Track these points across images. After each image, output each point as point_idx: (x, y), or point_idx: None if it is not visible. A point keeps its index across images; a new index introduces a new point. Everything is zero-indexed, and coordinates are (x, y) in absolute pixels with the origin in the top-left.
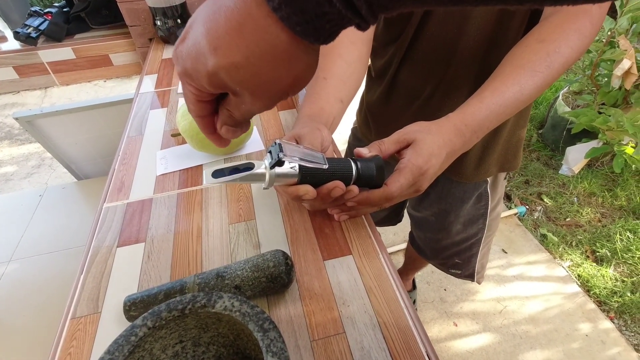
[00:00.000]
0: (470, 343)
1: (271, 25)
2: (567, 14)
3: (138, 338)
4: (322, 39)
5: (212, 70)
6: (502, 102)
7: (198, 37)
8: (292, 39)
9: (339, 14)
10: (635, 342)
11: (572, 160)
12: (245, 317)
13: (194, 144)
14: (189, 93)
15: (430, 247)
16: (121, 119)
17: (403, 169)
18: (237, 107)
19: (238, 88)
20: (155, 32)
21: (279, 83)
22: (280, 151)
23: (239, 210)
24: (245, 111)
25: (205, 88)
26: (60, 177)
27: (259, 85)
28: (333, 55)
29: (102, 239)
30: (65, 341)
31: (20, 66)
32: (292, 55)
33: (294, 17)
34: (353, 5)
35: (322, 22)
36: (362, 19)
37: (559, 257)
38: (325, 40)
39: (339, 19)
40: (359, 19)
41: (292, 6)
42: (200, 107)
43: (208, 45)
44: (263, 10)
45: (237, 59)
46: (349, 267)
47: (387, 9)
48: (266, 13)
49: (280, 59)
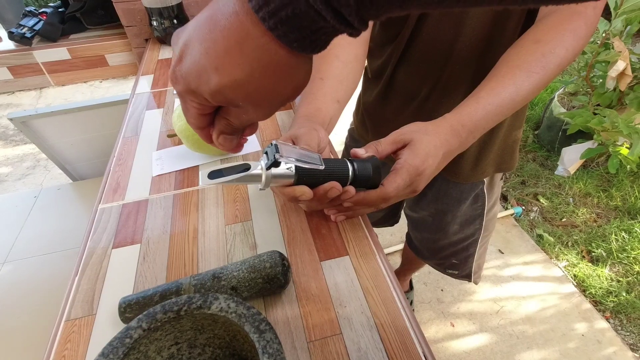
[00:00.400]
0: (467, 343)
1: (269, 42)
2: (563, 15)
3: (133, 340)
4: (318, 49)
5: (216, 88)
6: (498, 103)
7: (197, 57)
8: (290, 52)
9: (332, 27)
10: (631, 342)
11: (568, 161)
12: (241, 319)
13: (190, 144)
14: (192, 108)
15: (427, 247)
16: (117, 120)
17: (400, 169)
18: (238, 117)
19: (241, 102)
20: (151, 33)
21: (281, 93)
22: (276, 152)
23: (235, 211)
24: (245, 120)
25: (208, 102)
26: (55, 178)
27: (262, 98)
28: (330, 56)
29: (98, 240)
30: (60, 343)
31: (14, 66)
32: (292, 67)
33: (291, 34)
34: (345, 19)
35: (317, 36)
36: (354, 28)
37: (555, 257)
38: (320, 50)
39: (333, 31)
40: (352, 29)
41: (288, 25)
42: (202, 120)
43: (209, 64)
44: (259, 29)
45: (240, 76)
46: (346, 267)
47: (377, 17)
48: (263, 32)
49: (281, 72)
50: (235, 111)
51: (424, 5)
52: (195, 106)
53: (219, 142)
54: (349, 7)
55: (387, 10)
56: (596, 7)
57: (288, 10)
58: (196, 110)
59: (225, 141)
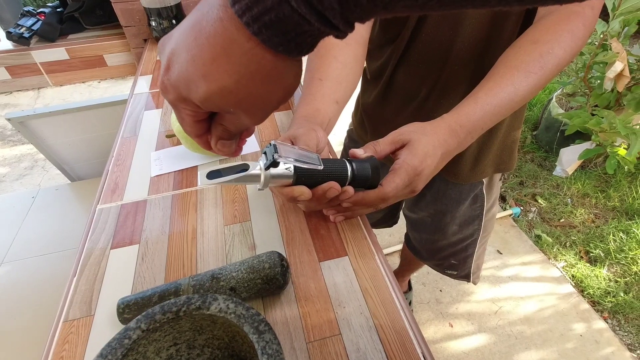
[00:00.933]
0: (465, 344)
1: (254, 47)
2: (561, 15)
3: (132, 341)
4: (305, 52)
5: (205, 96)
6: (496, 103)
7: (184, 66)
8: (277, 56)
9: (317, 30)
10: (629, 342)
11: (566, 162)
12: (240, 319)
13: (189, 145)
14: (186, 116)
15: (426, 248)
16: (115, 120)
17: (398, 169)
18: (232, 122)
19: (232, 109)
20: (150, 33)
21: (272, 97)
22: (275, 152)
23: (234, 211)
24: (240, 125)
25: (201, 109)
26: (53, 178)
27: (252, 103)
28: (328, 57)
29: (96, 240)
30: (58, 344)
31: (12, 66)
32: (280, 71)
33: (275, 38)
34: (330, 22)
35: (303, 39)
36: (339, 30)
37: (553, 257)
38: (307, 52)
39: (318, 34)
40: (337, 31)
41: (272, 29)
42: (198, 127)
43: (196, 73)
44: (244, 34)
45: (227, 83)
46: (345, 268)
47: (362, 19)
48: (248, 37)
49: (269, 76)
50: (229, 117)
51: (408, 8)
52: (189, 114)
53: (218, 147)
54: (333, 10)
55: (372, 12)
56: (594, 7)
57: (272, 14)
58: (191, 118)
59: (224, 146)
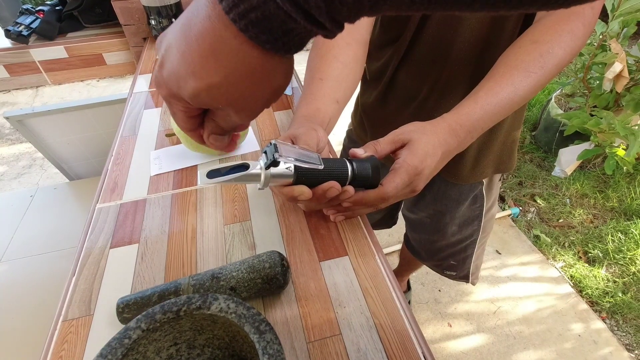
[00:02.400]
0: (464, 344)
1: (242, 44)
2: (560, 15)
3: (132, 341)
4: (294, 50)
5: (194, 93)
6: (496, 103)
7: (174, 63)
8: (265, 54)
9: (304, 28)
10: (627, 342)
11: (565, 162)
12: (241, 319)
13: (189, 144)
14: (178, 112)
15: (425, 248)
16: (114, 119)
17: (398, 169)
18: (223, 118)
19: (222, 106)
20: (149, 32)
21: (260, 95)
22: (275, 151)
23: (234, 210)
24: (231, 122)
25: (191, 106)
26: (51, 177)
27: (241, 101)
28: (329, 57)
29: (95, 240)
30: (57, 344)
31: (11, 65)
32: (269, 69)
33: (262, 36)
34: (317, 21)
35: (290, 37)
36: (327, 30)
37: (552, 258)
38: (296, 50)
39: (306, 32)
40: (325, 31)
41: (259, 26)
42: (190, 122)
43: (185, 70)
44: (231, 31)
45: (215, 80)
46: (345, 268)
47: (350, 19)
48: (235, 33)
49: (257, 74)
50: (220, 113)
51: (394, 7)
52: (180, 109)
53: (210, 141)
54: (319, 9)
55: (359, 11)
56: (594, 7)
57: (258, 12)
58: (182, 114)
59: (216, 141)
